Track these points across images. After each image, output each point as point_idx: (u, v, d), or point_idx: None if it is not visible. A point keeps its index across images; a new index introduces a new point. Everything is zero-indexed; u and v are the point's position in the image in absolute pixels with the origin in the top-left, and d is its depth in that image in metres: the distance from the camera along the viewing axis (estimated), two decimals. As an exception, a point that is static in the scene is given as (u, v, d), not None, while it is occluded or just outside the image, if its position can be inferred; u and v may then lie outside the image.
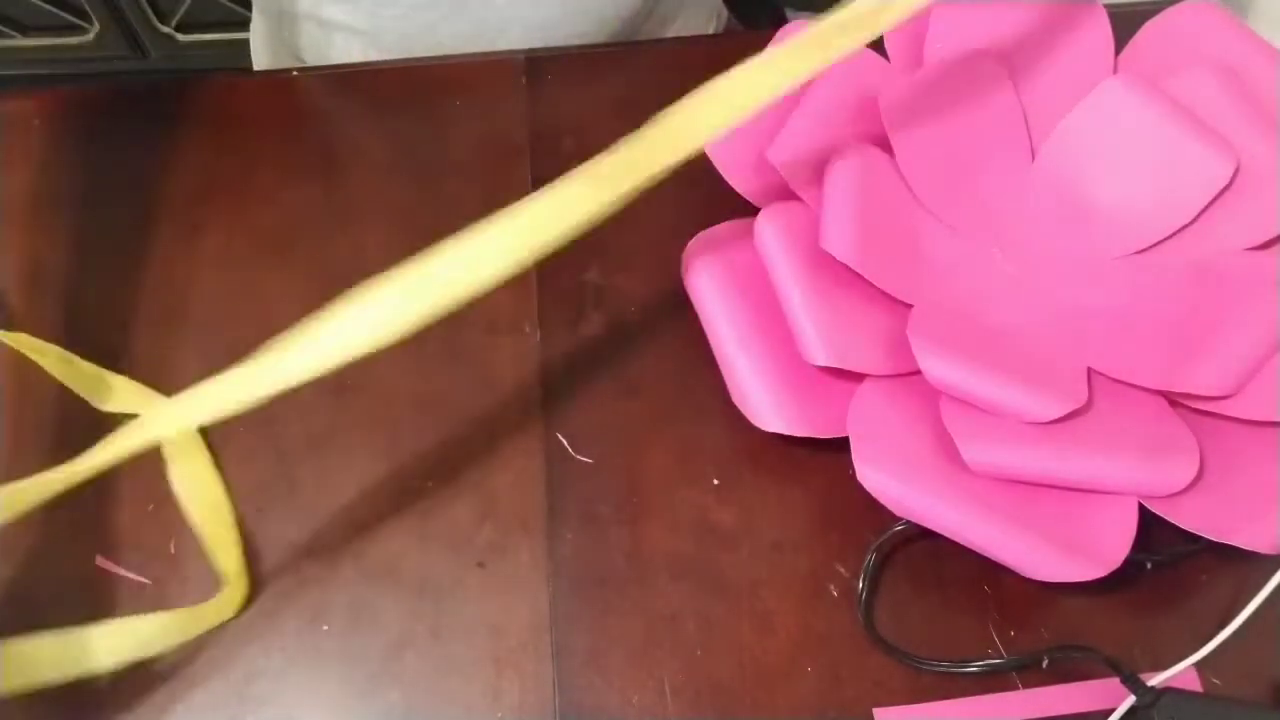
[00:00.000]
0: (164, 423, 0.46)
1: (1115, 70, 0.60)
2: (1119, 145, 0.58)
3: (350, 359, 0.42)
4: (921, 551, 0.50)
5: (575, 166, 0.59)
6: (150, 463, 0.52)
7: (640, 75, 0.65)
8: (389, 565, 0.49)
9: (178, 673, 0.47)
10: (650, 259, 0.57)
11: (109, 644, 0.46)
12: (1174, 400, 0.51)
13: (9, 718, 0.46)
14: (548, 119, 0.63)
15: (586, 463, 0.52)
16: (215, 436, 0.53)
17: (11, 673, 0.43)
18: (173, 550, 0.50)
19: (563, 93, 0.65)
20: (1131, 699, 0.44)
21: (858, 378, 0.51)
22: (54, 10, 1.34)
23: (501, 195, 0.59)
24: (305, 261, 0.58)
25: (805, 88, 0.59)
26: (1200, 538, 0.47)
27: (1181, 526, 0.47)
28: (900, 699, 0.47)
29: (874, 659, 0.48)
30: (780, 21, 0.63)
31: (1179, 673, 0.44)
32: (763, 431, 0.50)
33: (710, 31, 0.81)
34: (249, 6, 0.81)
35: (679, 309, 0.55)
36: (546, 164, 0.58)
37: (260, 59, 0.84)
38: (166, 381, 0.54)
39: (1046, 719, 0.46)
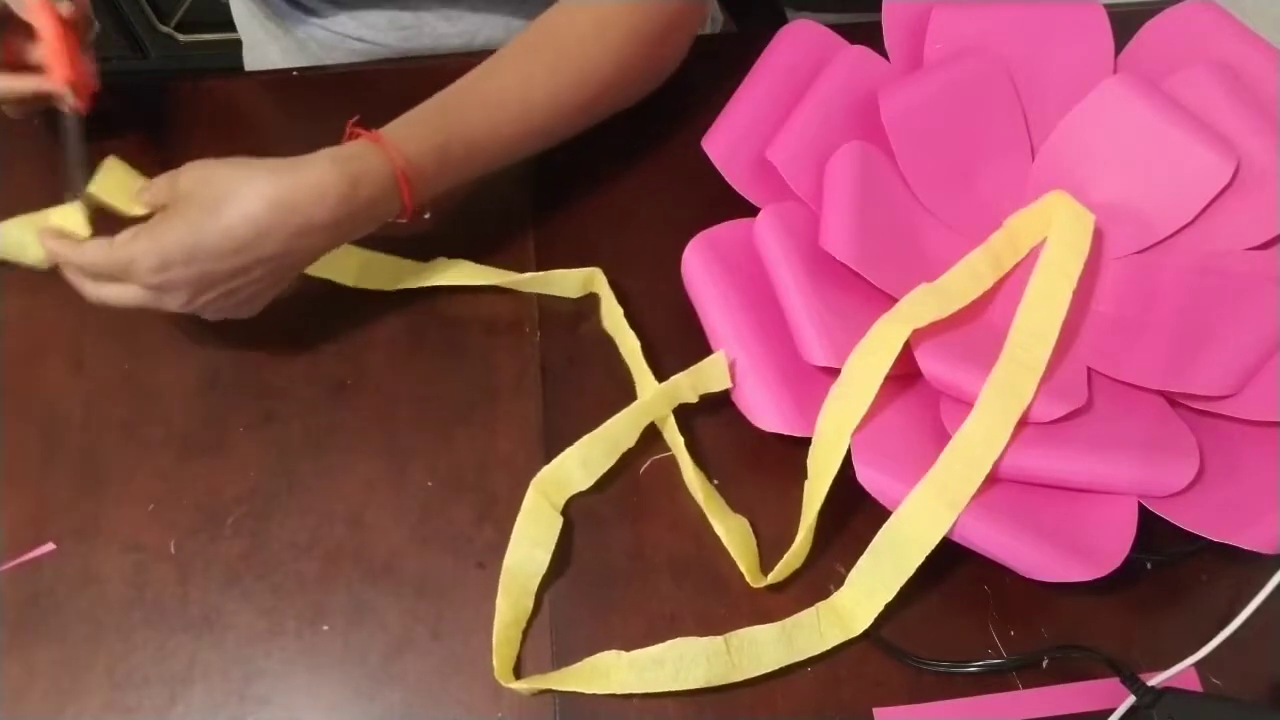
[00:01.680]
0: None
1: (1115, 70, 0.60)
2: (1119, 145, 0.58)
3: None
4: (921, 551, 0.50)
5: (574, 164, 0.59)
6: (153, 463, 0.52)
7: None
8: (389, 565, 0.49)
9: (178, 673, 0.47)
10: (650, 259, 0.57)
11: None
12: (1174, 400, 0.51)
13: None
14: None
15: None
16: (213, 436, 0.53)
17: None
18: (173, 550, 0.50)
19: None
20: (1131, 699, 0.44)
21: (858, 378, 0.51)
22: (54, 10, 1.34)
23: (499, 194, 0.60)
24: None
25: (805, 88, 0.59)
26: (1200, 538, 0.47)
27: (1181, 526, 0.47)
28: (900, 699, 0.47)
29: (874, 659, 0.48)
30: (780, 21, 0.63)
31: (1179, 673, 0.44)
32: (763, 431, 0.50)
33: (706, 32, 0.81)
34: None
35: (679, 309, 0.55)
36: (546, 163, 0.58)
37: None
38: (162, 383, 0.54)
39: (1046, 719, 0.46)
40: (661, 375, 0.53)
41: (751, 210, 0.55)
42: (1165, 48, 0.60)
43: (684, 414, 0.53)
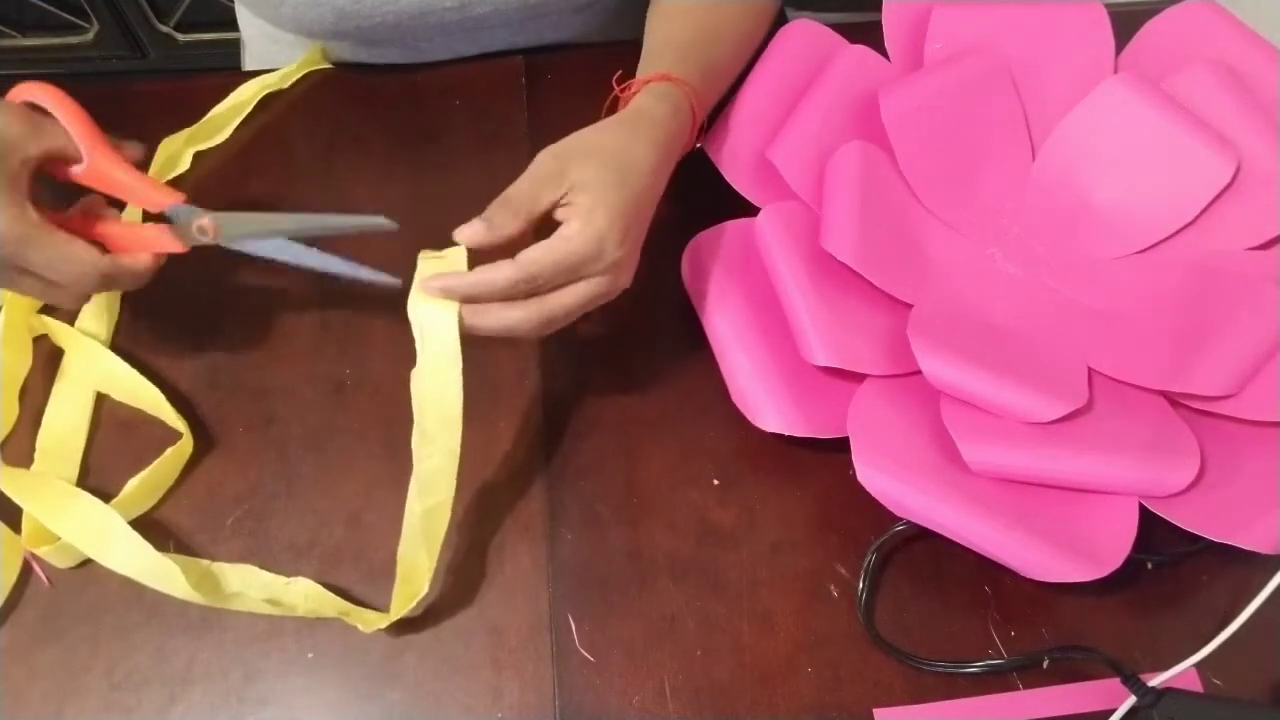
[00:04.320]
0: None
1: (1115, 70, 0.60)
2: (1119, 145, 0.58)
3: None
4: (921, 551, 0.50)
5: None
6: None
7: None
8: (389, 565, 0.49)
9: (178, 673, 0.47)
10: (650, 259, 0.57)
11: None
12: (1174, 400, 0.51)
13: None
14: (547, 119, 0.63)
15: (586, 462, 0.52)
16: (213, 436, 0.53)
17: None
18: (173, 550, 0.50)
19: (562, 93, 0.65)
20: (1132, 699, 0.44)
21: (858, 378, 0.51)
22: (54, 10, 1.34)
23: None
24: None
25: (806, 88, 0.59)
26: (1200, 538, 0.47)
27: (1182, 526, 0.47)
28: (900, 699, 0.47)
29: (874, 659, 0.48)
30: (780, 21, 0.63)
31: (1180, 673, 0.44)
32: (763, 431, 0.50)
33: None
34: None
35: (679, 309, 0.55)
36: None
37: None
38: (162, 383, 0.54)
39: (1047, 719, 0.46)
40: (657, 375, 0.53)
41: (752, 210, 0.55)
42: (1165, 48, 0.60)
43: (683, 414, 0.54)
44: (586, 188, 0.46)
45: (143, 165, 0.49)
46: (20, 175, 0.44)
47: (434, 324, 0.45)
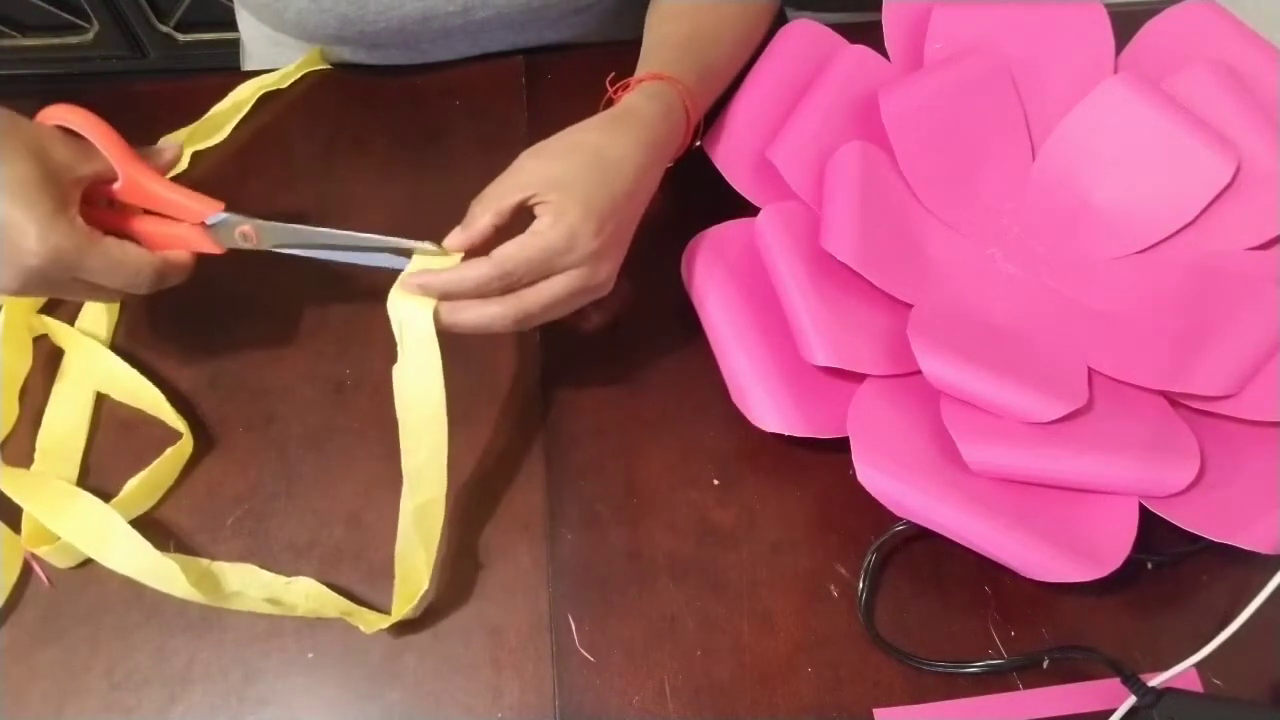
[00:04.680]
0: None
1: (1115, 70, 0.60)
2: (1119, 145, 0.58)
3: None
4: (921, 551, 0.50)
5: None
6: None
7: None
8: (389, 565, 0.49)
9: (178, 673, 0.47)
10: (650, 259, 0.57)
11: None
12: (1174, 400, 0.51)
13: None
14: (547, 119, 0.63)
15: (586, 462, 0.52)
16: (213, 436, 0.53)
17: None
18: (173, 550, 0.50)
19: (562, 93, 0.65)
20: (1132, 699, 0.44)
21: (858, 378, 0.51)
22: (54, 10, 1.34)
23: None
24: (304, 262, 0.58)
25: (806, 88, 0.59)
26: (1200, 538, 0.47)
27: (1182, 526, 0.47)
28: (900, 699, 0.47)
29: (874, 659, 0.47)
30: (780, 21, 0.63)
31: (1180, 673, 0.44)
32: (763, 431, 0.50)
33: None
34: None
35: (679, 309, 0.55)
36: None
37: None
38: (162, 383, 0.54)
39: (1047, 719, 0.46)
40: (657, 375, 0.53)
41: (752, 210, 0.55)
42: (1165, 48, 0.60)
43: (683, 414, 0.54)
44: (561, 184, 0.46)
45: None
46: (71, 194, 0.45)
47: (411, 320, 0.46)
